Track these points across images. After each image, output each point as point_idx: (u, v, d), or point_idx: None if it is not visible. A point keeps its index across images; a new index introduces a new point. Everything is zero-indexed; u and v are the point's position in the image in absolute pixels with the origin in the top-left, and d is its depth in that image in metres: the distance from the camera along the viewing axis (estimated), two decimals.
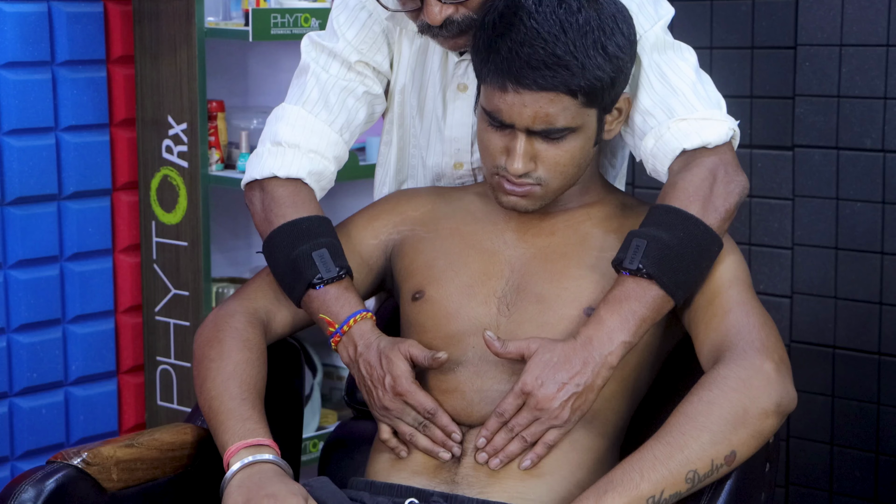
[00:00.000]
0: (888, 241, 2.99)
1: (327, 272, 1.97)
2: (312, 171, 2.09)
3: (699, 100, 1.98)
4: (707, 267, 1.90)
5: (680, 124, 1.96)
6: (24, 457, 3.07)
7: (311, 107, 2.11)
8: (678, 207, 1.90)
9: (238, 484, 1.81)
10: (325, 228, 2.02)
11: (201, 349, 2.01)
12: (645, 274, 1.86)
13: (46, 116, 3.03)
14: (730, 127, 1.97)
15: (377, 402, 1.93)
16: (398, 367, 1.90)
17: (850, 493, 3.09)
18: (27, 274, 3.04)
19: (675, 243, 1.87)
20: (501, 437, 1.86)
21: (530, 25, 1.86)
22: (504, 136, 1.91)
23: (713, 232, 1.89)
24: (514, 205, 1.96)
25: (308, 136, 2.09)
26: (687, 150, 1.95)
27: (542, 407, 1.84)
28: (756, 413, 1.77)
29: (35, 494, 1.80)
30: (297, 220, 2.02)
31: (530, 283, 1.96)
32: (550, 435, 1.86)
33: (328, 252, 1.98)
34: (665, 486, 1.72)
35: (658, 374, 2.01)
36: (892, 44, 2.95)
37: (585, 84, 1.87)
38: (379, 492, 1.87)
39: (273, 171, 2.06)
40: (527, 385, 1.84)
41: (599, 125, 1.95)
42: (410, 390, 1.90)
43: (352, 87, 2.13)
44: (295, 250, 1.98)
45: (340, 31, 2.14)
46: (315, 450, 3.21)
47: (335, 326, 1.96)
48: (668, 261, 1.86)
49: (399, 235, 2.09)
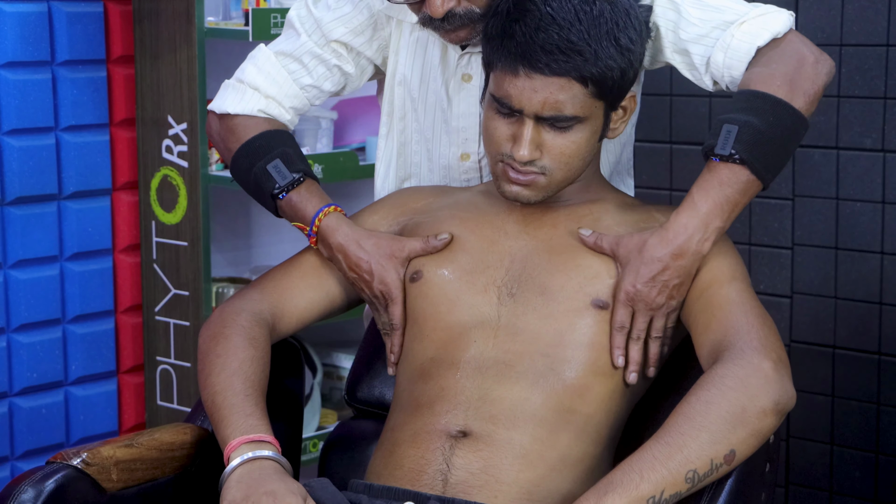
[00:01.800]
0: (888, 241, 2.99)
1: (283, 179, 2.07)
2: (264, 111, 2.17)
3: (743, 5, 2.00)
4: (793, 150, 1.94)
5: (742, 27, 1.97)
6: (24, 457, 3.07)
7: (283, 58, 2.20)
8: (766, 92, 1.91)
9: (237, 479, 1.81)
10: (279, 139, 2.12)
11: (207, 344, 2.01)
12: (738, 159, 1.88)
13: (46, 116, 3.03)
14: (788, 14, 2.00)
15: (368, 294, 2.06)
16: (390, 275, 2.02)
17: (850, 493, 3.09)
18: (27, 274, 3.04)
19: (765, 128, 1.89)
20: (636, 350, 1.92)
21: (545, 11, 1.88)
22: (511, 123, 1.93)
23: (801, 114, 1.91)
24: (516, 194, 1.97)
25: (269, 82, 2.18)
26: (760, 47, 1.96)
27: (652, 306, 1.90)
28: (755, 412, 1.77)
29: (35, 494, 1.80)
30: (251, 138, 2.12)
31: (533, 274, 1.96)
32: (670, 320, 1.93)
33: (281, 161, 2.07)
34: (665, 487, 1.72)
35: (658, 373, 2.01)
36: (892, 44, 2.95)
37: (597, 72, 1.88)
38: (377, 495, 1.86)
39: (227, 109, 2.17)
40: (629, 293, 1.90)
41: (605, 121, 1.96)
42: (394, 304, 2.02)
43: (324, 57, 2.20)
44: (253, 168, 2.09)
45: (335, 4, 2.19)
46: (315, 450, 3.21)
47: (306, 231, 2.06)
48: (760, 146, 1.88)
49: (399, 226, 2.10)
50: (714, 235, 1.89)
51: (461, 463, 1.85)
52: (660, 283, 1.89)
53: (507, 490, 1.83)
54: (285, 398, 2.14)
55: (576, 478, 1.88)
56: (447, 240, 2.01)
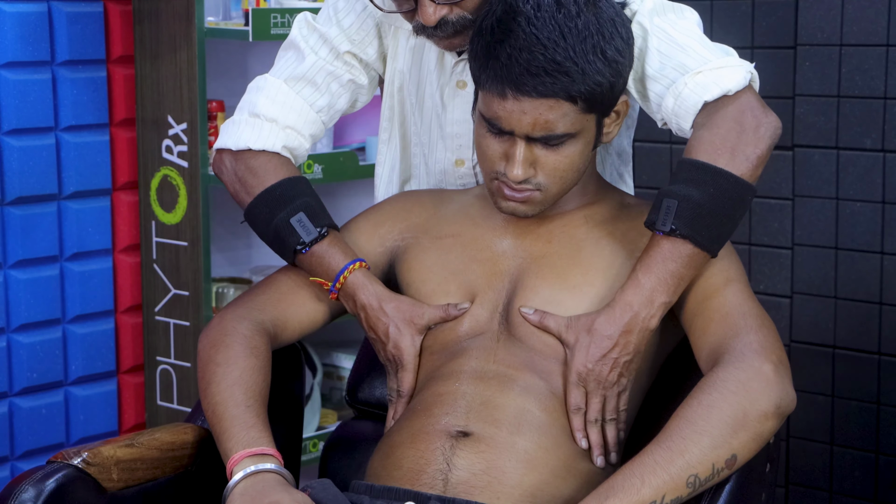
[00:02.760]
0: (888, 241, 2.99)
1: (308, 235, 2.01)
2: (287, 145, 2.11)
3: (709, 51, 1.96)
4: (741, 216, 1.90)
5: (696, 77, 1.94)
6: (24, 457, 3.07)
7: (294, 83, 2.13)
8: (705, 161, 1.88)
9: (241, 492, 1.81)
10: (300, 189, 2.05)
11: (207, 352, 1.99)
12: (678, 234, 1.86)
13: (46, 116, 3.03)
14: (747, 70, 1.95)
15: (382, 356, 2.03)
16: (405, 340, 1.98)
17: (850, 493, 3.09)
18: (27, 274, 3.04)
19: (705, 200, 1.86)
20: (594, 432, 1.90)
21: (529, 31, 1.85)
22: (503, 142, 1.91)
23: (744, 182, 1.88)
24: (513, 210, 1.96)
25: (287, 111, 2.12)
26: (708, 102, 1.93)
27: (604, 384, 1.88)
28: (756, 416, 1.77)
29: (35, 494, 1.80)
30: (271, 186, 2.05)
31: (528, 294, 1.96)
32: (622, 401, 1.91)
33: (305, 215, 2.02)
34: (666, 491, 1.72)
35: (658, 375, 2.01)
36: (892, 44, 2.95)
37: (585, 90, 1.86)
38: (379, 495, 1.86)
39: (248, 144, 2.09)
40: (580, 374, 1.88)
41: (598, 129, 1.94)
42: (405, 371, 1.98)
43: (338, 73, 2.15)
44: (274, 219, 2.02)
45: (337, 17, 2.15)
46: (315, 450, 3.21)
47: (328, 285, 2.01)
48: (701, 219, 1.86)
49: (403, 242, 2.09)
50: (660, 311, 1.87)
51: (462, 463, 1.84)
52: (610, 361, 1.88)
53: (509, 492, 1.83)
54: (285, 398, 2.14)
55: (579, 485, 1.87)
56: (467, 308, 1.98)
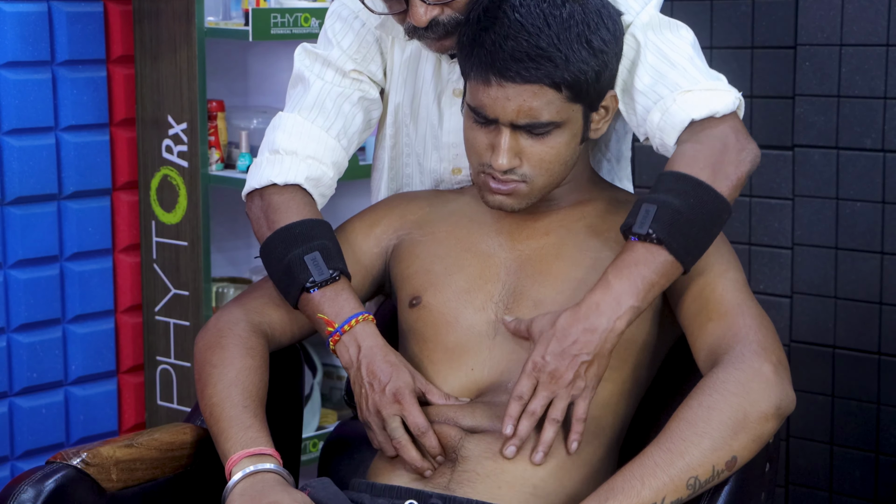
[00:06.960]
0: (888, 241, 2.99)
1: (320, 275, 1.96)
2: (310, 176, 2.08)
3: (700, 73, 1.97)
4: (716, 234, 1.89)
5: (685, 96, 1.94)
6: (24, 457, 3.08)
7: (307, 113, 2.11)
8: (688, 174, 1.88)
9: (240, 493, 1.81)
10: (320, 231, 2.01)
11: (203, 354, 1.99)
12: (654, 239, 1.84)
13: (46, 116, 3.03)
14: (735, 96, 1.95)
15: (370, 405, 1.92)
16: (403, 378, 1.91)
17: (850, 493, 3.09)
18: (27, 274, 3.04)
19: (685, 209, 1.85)
20: (525, 424, 1.84)
21: (514, 18, 1.86)
22: (489, 132, 1.91)
23: (724, 199, 1.87)
24: (500, 204, 1.96)
25: (305, 142, 2.09)
26: (695, 120, 1.93)
27: (557, 380, 1.83)
28: (756, 417, 1.77)
29: (35, 494, 1.80)
30: (291, 224, 2.01)
31: (525, 288, 1.96)
32: (579, 408, 1.85)
33: (321, 255, 1.97)
34: (666, 493, 1.72)
35: (658, 375, 2.01)
36: (892, 44, 2.95)
37: (569, 77, 1.86)
38: (379, 493, 1.87)
39: (271, 179, 2.06)
40: (536, 364, 1.84)
41: (585, 122, 1.94)
42: (410, 404, 1.89)
43: (347, 92, 2.13)
44: (288, 255, 1.98)
45: (335, 39, 2.14)
46: (315, 449, 3.21)
47: (334, 326, 1.95)
48: (679, 226, 1.84)
49: (397, 240, 2.09)
50: (629, 315, 1.83)
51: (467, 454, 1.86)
52: (569, 357, 1.83)
53: (511, 482, 1.84)
54: (285, 398, 2.14)
55: (582, 478, 1.88)
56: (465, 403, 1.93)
